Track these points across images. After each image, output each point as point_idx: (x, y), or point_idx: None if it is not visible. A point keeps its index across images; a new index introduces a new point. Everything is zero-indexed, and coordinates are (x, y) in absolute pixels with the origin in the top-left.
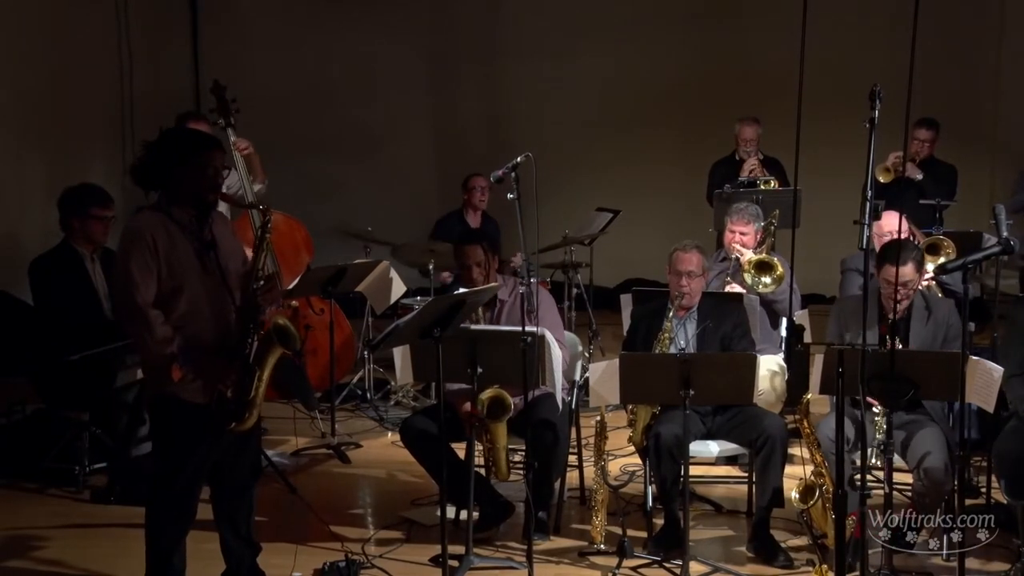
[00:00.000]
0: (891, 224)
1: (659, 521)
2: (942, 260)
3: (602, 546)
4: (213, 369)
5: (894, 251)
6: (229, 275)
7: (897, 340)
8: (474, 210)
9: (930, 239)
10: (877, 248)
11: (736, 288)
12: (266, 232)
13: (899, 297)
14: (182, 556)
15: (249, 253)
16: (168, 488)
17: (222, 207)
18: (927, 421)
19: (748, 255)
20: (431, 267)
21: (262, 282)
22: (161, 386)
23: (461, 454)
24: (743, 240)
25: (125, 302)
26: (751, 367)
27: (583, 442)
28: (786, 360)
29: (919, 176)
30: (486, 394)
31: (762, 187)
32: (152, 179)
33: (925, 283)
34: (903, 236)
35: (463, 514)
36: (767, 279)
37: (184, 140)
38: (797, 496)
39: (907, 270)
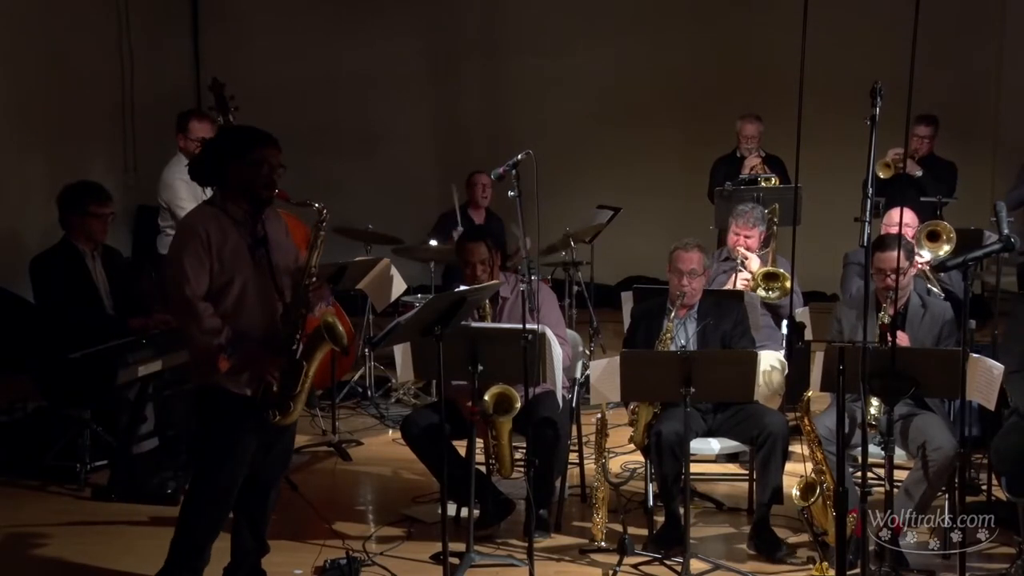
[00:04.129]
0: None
1: (660, 519)
2: (946, 248)
3: (603, 543)
4: (260, 361)
5: (883, 241)
6: (279, 272)
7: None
8: (477, 207)
9: (929, 224)
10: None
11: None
12: (320, 230)
13: (892, 283)
14: (209, 551)
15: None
16: (212, 479)
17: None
18: (927, 412)
19: (754, 262)
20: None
21: (313, 279)
22: (207, 377)
23: (462, 451)
24: (748, 243)
25: (176, 294)
26: (752, 364)
27: (584, 439)
28: (787, 357)
29: (918, 173)
30: (492, 391)
31: (763, 184)
32: (208, 174)
33: (921, 265)
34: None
35: (464, 511)
36: (775, 287)
37: (240, 136)
38: (798, 493)
39: (894, 255)
